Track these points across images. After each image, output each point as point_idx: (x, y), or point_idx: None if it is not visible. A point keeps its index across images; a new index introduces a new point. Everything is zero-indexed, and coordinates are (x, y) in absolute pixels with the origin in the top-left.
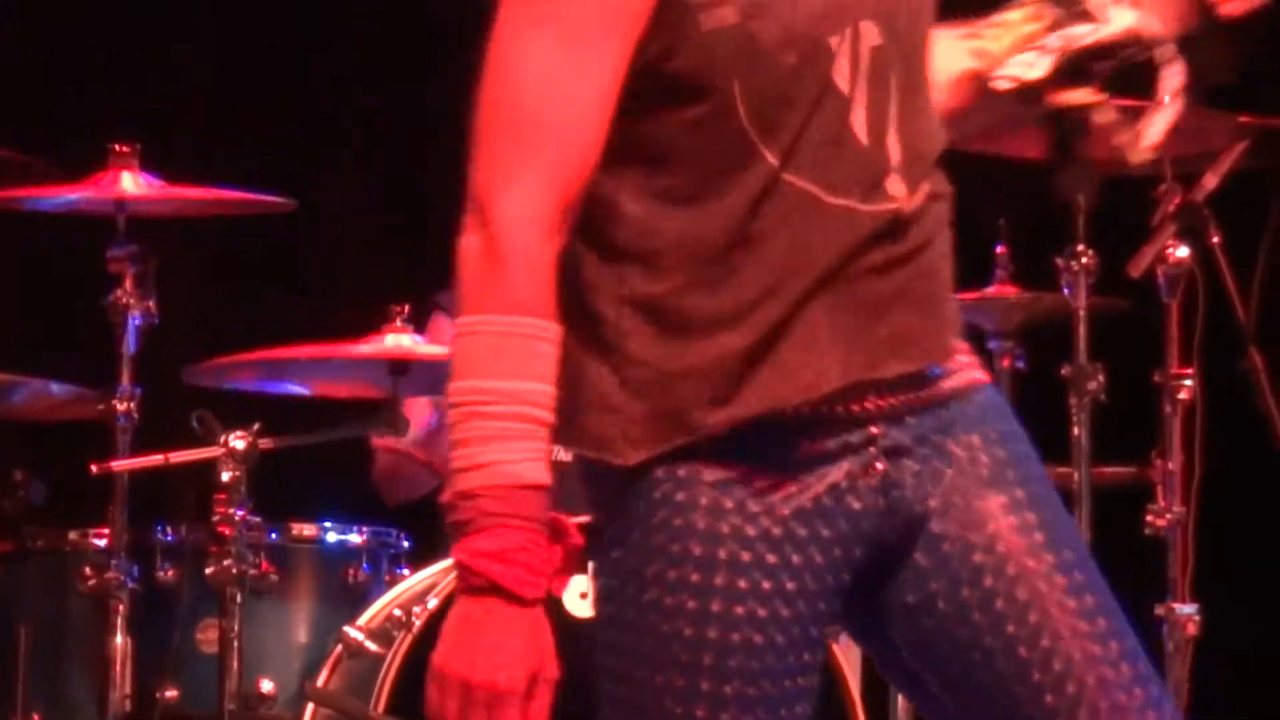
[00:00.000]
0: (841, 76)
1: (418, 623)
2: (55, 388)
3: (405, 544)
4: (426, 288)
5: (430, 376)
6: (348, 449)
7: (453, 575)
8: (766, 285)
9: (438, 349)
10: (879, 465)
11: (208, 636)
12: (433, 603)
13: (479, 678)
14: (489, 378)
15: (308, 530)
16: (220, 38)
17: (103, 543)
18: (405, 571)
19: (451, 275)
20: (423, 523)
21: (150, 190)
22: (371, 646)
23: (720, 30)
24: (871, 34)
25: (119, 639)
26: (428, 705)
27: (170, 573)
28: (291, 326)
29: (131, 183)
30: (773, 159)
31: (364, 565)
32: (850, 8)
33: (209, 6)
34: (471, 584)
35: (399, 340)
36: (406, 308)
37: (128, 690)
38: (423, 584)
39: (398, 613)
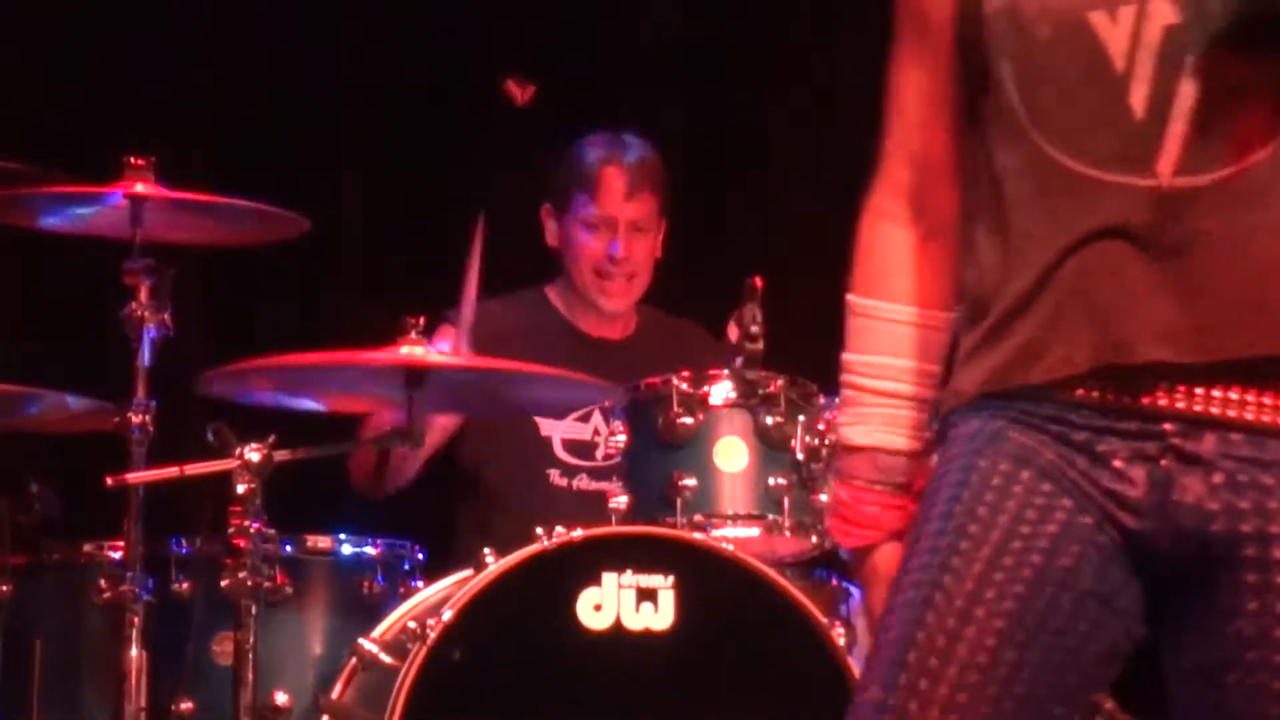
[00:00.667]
0: (1118, 53)
1: (432, 635)
2: (70, 400)
3: (420, 556)
4: (441, 302)
5: (447, 388)
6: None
7: (467, 587)
8: (1018, 261)
9: (453, 359)
10: (1163, 463)
11: (223, 649)
12: (447, 615)
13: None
14: (845, 349)
15: (322, 542)
16: (234, 51)
17: (118, 555)
18: (420, 584)
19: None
20: (437, 535)
21: (165, 203)
22: (386, 659)
23: (996, 13)
24: (1164, 13)
25: (134, 651)
26: None
27: (185, 585)
28: (306, 339)
29: (147, 195)
30: (1035, 134)
31: (379, 577)
32: None
33: (225, 21)
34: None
35: (414, 351)
36: (422, 320)
37: (143, 703)
38: (437, 596)
39: (412, 625)
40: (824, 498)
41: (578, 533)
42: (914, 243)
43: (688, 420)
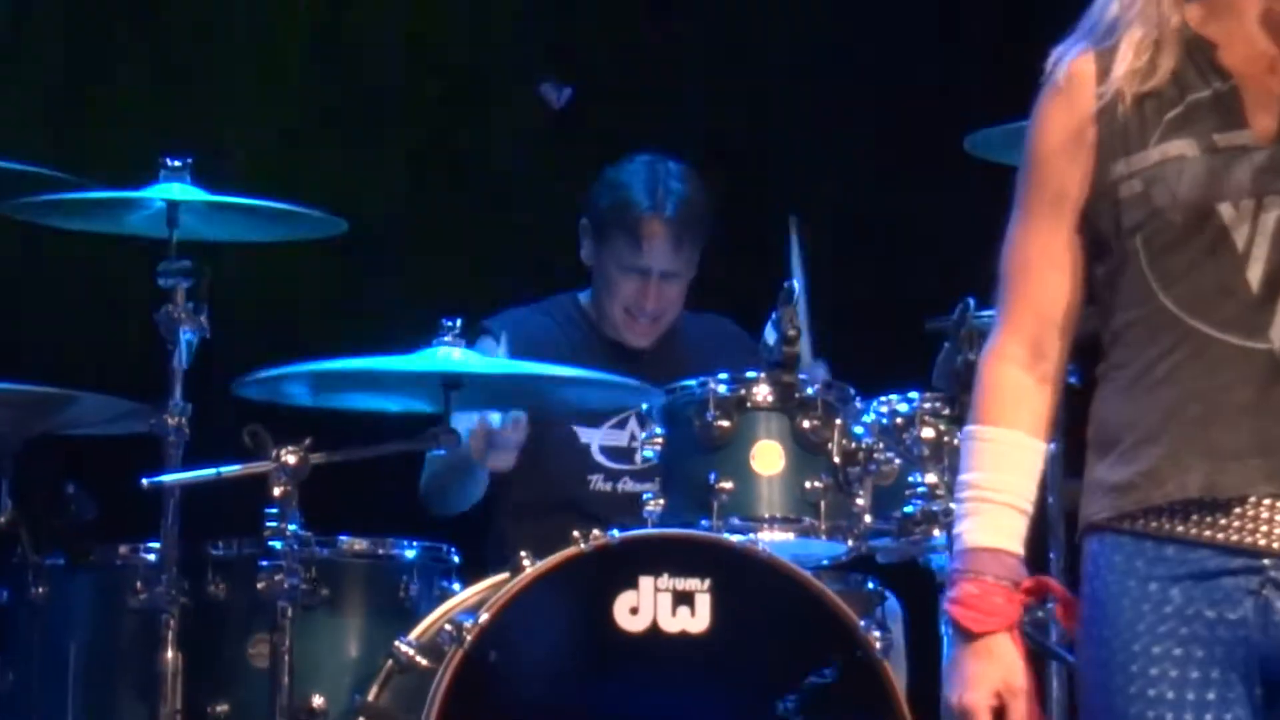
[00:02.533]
0: (1240, 237)
1: (469, 637)
2: (107, 402)
3: (456, 559)
4: (476, 306)
5: (481, 391)
6: (398, 464)
7: (503, 589)
8: (1146, 403)
9: (488, 364)
10: (1263, 593)
11: (258, 651)
12: (483, 617)
13: (955, 700)
14: (964, 472)
15: (359, 545)
16: (271, 52)
17: (153, 557)
18: (456, 586)
19: (500, 296)
20: (473, 538)
21: (202, 205)
22: (422, 661)
23: (1130, 198)
24: (1278, 205)
25: (169, 653)
26: None
27: (221, 587)
28: (343, 341)
29: (183, 198)
30: (1164, 298)
31: (415, 580)
32: (1242, 185)
33: (262, 21)
34: (952, 622)
35: (450, 354)
36: (459, 322)
37: (178, 705)
38: (473, 598)
39: (448, 627)
40: (860, 501)
41: (614, 536)
42: (1032, 382)
43: (724, 423)
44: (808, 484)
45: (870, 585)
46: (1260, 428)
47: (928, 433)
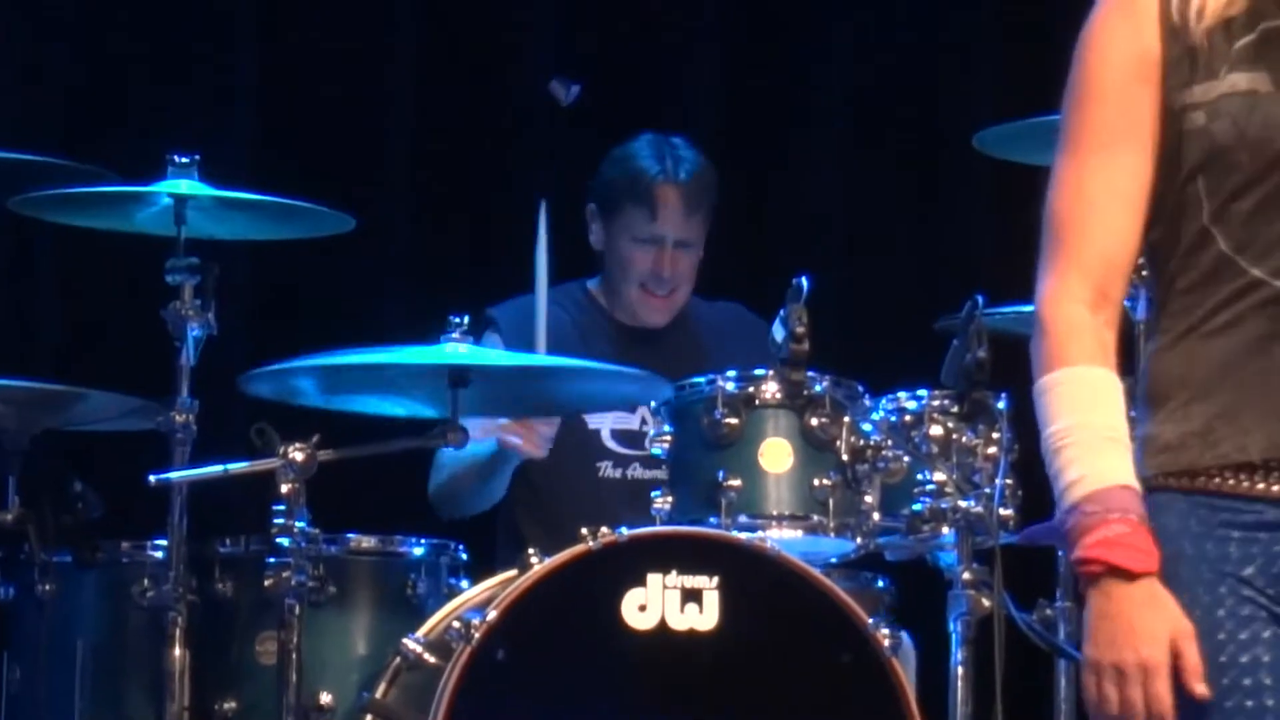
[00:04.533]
0: None
1: (477, 634)
2: (114, 399)
3: (463, 556)
4: (483, 300)
5: (490, 388)
6: (406, 461)
7: (511, 587)
8: (1201, 355)
9: (497, 359)
10: None
11: (266, 648)
12: (492, 615)
13: (1128, 658)
14: (1056, 421)
15: (366, 542)
16: (278, 47)
17: (161, 555)
18: (464, 583)
19: (506, 289)
20: (482, 535)
21: (209, 201)
22: (430, 658)
23: (1193, 132)
24: None
25: (177, 651)
26: (1088, 698)
27: (228, 585)
28: (350, 337)
29: (191, 193)
30: (1224, 244)
31: (423, 577)
32: None
33: (270, 17)
34: (1092, 574)
35: (457, 350)
36: (466, 318)
37: (186, 703)
38: (482, 595)
39: (456, 624)
40: (869, 499)
41: (622, 533)
42: (1100, 325)
43: (733, 421)
44: (816, 481)
45: (879, 582)
46: None
47: (936, 430)
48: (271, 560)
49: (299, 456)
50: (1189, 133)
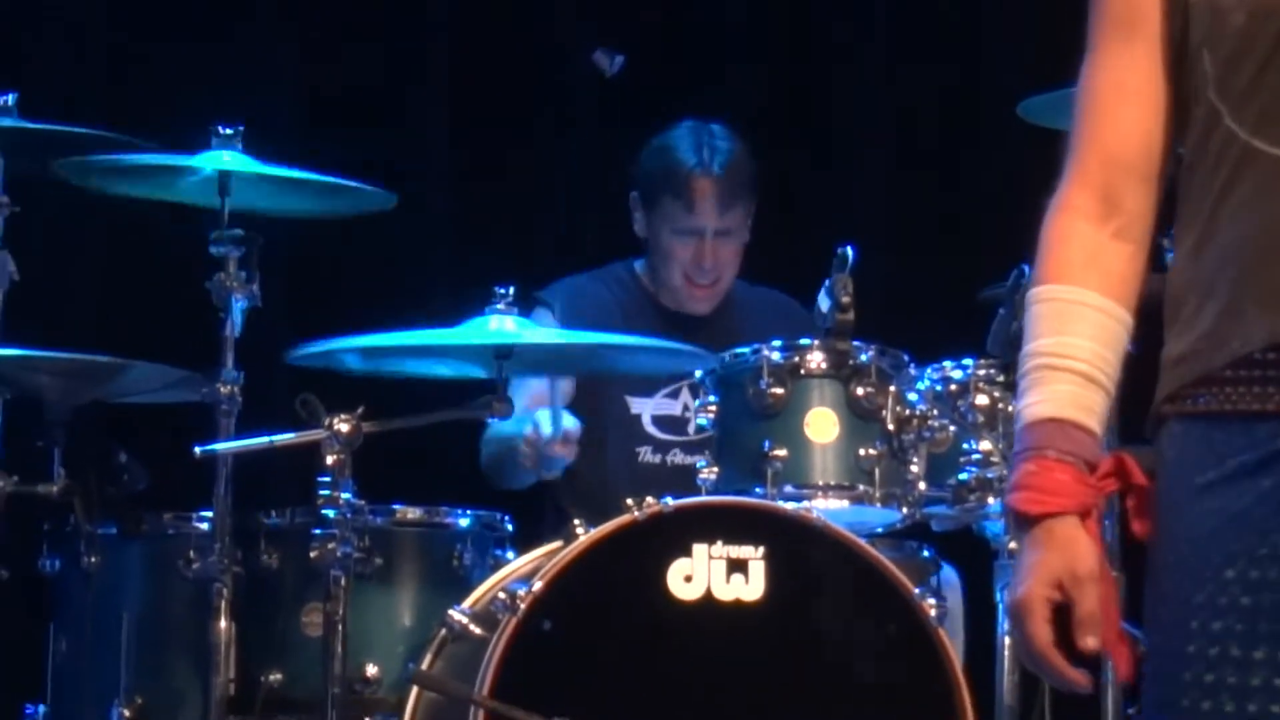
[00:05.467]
0: None
1: (522, 605)
2: (159, 370)
3: (509, 527)
4: (528, 277)
5: (534, 360)
6: (452, 432)
7: (557, 558)
8: (1207, 250)
9: (542, 337)
10: None
11: (312, 620)
12: (537, 585)
13: (1010, 599)
14: (1025, 346)
15: (412, 513)
16: (323, 22)
17: (206, 526)
18: (510, 554)
19: (552, 267)
20: (527, 506)
21: (254, 175)
22: (476, 629)
23: (1195, 6)
24: None
25: (223, 623)
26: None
27: (274, 556)
28: (394, 312)
29: (234, 167)
30: (1229, 120)
31: (468, 548)
32: None
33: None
34: (1014, 519)
35: (503, 323)
36: (511, 290)
37: (231, 674)
38: (527, 566)
39: (502, 595)
40: (915, 468)
41: (668, 504)
42: (1104, 238)
43: (778, 391)
44: (862, 451)
45: (925, 553)
46: None
47: (982, 400)
48: (317, 532)
49: (344, 428)
50: (1193, 6)
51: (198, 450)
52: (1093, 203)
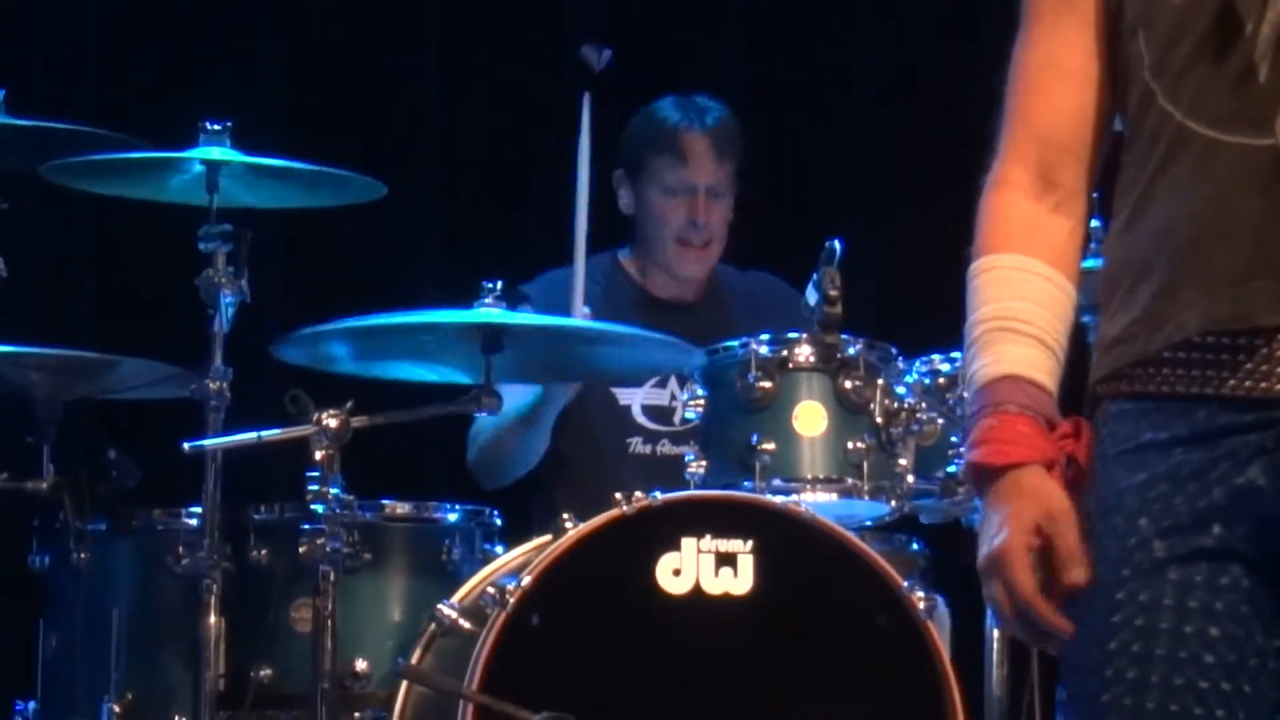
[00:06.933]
0: (1246, 14)
1: (511, 600)
2: (148, 366)
3: (498, 521)
4: (514, 267)
5: (525, 352)
6: (440, 427)
7: (546, 552)
8: (1142, 230)
9: (531, 320)
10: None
11: (301, 615)
12: (526, 580)
13: (981, 557)
14: (967, 319)
15: (401, 508)
16: (310, 15)
17: (195, 522)
18: (499, 549)
19: (536, 255)
20: (516, 500)
21: (242, 168)
22: (465, 624)
23: None
24: None
25: (212, 618)
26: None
27: (263, 552)
28: (383, 305)
29: (223, 160)
30: (1163, 100)
31: (457, 543)
32: None
33: None
34: (975, 483)
35: (491, 313)
36: (500, 283)
37: (222, 670)
38: (516, 560)
39: (491, 590)
40: (903, 461)
41: (656, 497)
42: (1043, 213)
43: (766, 384)
44: (850, 444)
45: (914, 545)
46: (1266, 241)
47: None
48: (306, 527)
49: (333, 423)
50: None
51: (187, 446)
52: (1029, 179)
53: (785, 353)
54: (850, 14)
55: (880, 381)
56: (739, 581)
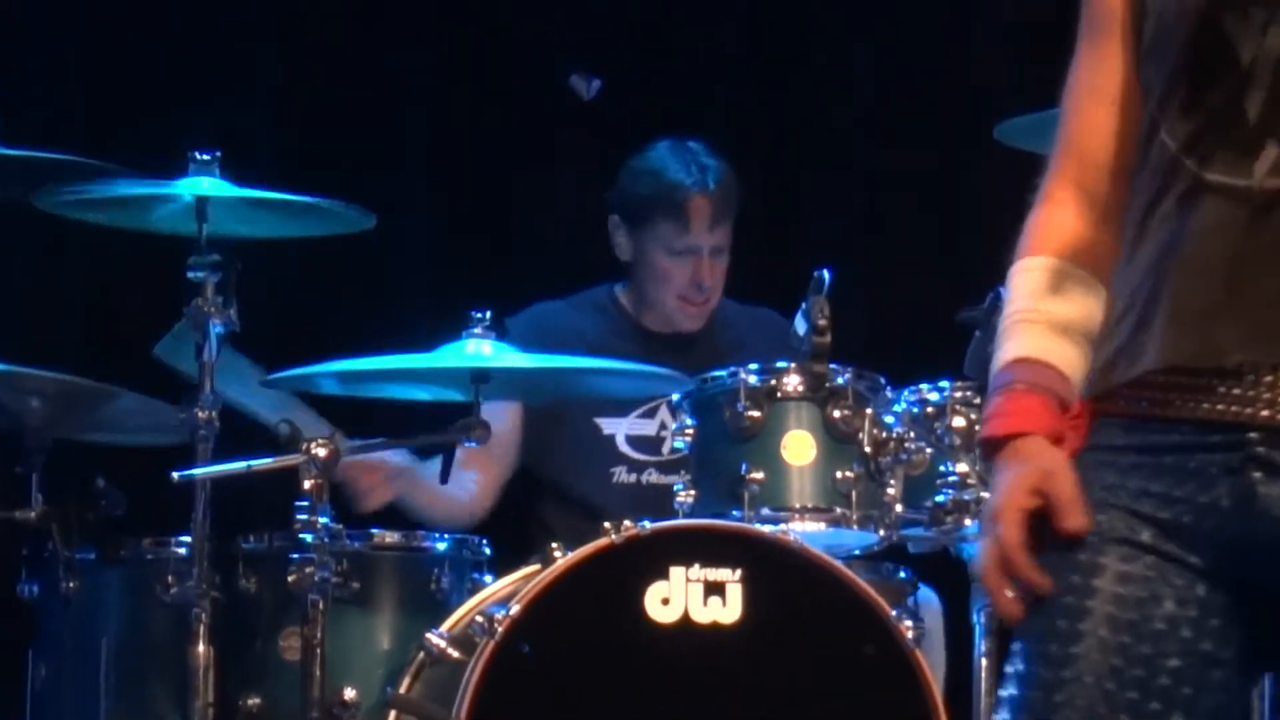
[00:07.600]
0: (1245, 56)
1: (500, 629)
2: (136, 398)
3: (487, 551)
4: (503, 298)
5: (513, 385)
6: (429, 455)
7: (534, 581)
8: (1133, 263)
9: (518, 361)
10: (1246, 476)
11: (290, 644)
12: (515, 609)
13: (984, 512)
14: (1007, 307)
15: (389, 537)
16: (299, 47)
17: (184, 551)
18: (488, 578)
19: (525, 287)
20: (505, 529)
21: (231, 199)
22: (454, 653)
23: (1150, 13)
24: None
25: (201, 648)
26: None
27: (252, 581)
28: (371, 334)
29: (212, 192)
30: (1164, 134)
31: (446, 572)
32: None
33: (291, 16)
34: (988, 460)
35: (480, 347)
36: (488, 314)
37: (210, 699)
38: (505, 590)
39: (480, 619)
40: (892, 490)
41: (645, 526)
42: (1082, 225)
43: (755, 414)
44: (839, 474)
45: (903, 574)
46: (1235, 280)
47: (959, 422)
48: (295, 556)
49: (322, 452)
50: (1148, 14)
51: (175, 475)
52: (1071, 195)
53: (774, 382)
54: (841, 42)
55: (869, 411)
56: (727, 610)
